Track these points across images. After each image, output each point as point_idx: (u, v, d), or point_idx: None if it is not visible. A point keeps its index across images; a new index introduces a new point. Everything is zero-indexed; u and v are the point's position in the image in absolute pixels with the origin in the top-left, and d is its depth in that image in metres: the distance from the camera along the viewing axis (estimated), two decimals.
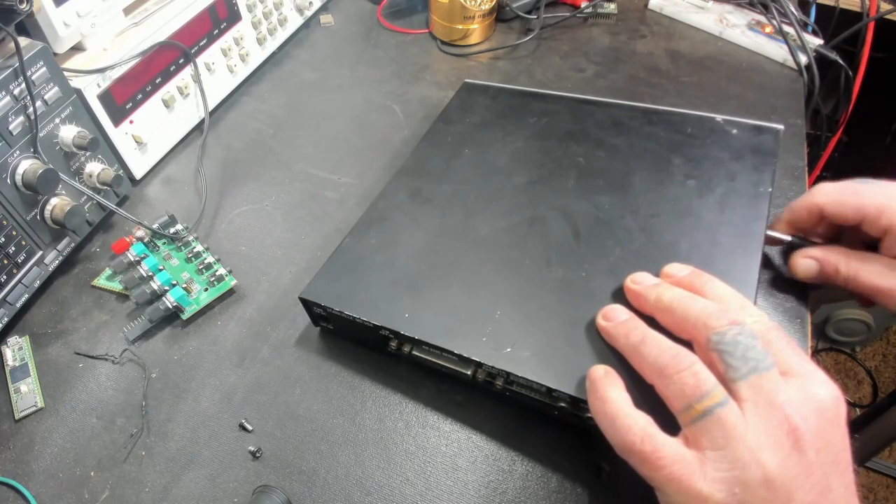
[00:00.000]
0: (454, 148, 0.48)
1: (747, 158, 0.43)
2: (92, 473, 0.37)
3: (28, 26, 0.45)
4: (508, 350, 0.35)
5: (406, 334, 0.36)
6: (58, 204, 0.44)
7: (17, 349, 0.43)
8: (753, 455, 0.26)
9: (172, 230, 0.49)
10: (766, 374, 0.28)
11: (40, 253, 0.45)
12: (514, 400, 0.36)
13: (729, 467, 0.26)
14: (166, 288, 0.44)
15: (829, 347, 1.21)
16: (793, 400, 0.27)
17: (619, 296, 0.36)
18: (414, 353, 0.38)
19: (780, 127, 0.45)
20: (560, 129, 0.48)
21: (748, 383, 0.28)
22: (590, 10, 0.70)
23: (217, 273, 0.46)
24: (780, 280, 0.44)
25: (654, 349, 0.30)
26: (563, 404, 0.34)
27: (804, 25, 0.66)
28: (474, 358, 0.35)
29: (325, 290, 0.39)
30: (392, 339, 0.38)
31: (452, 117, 0.51)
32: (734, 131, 0.46)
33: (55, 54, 0.45)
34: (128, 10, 0.52)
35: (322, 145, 0.58)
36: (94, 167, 0.47)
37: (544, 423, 0.37)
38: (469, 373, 0.36)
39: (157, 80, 0.54)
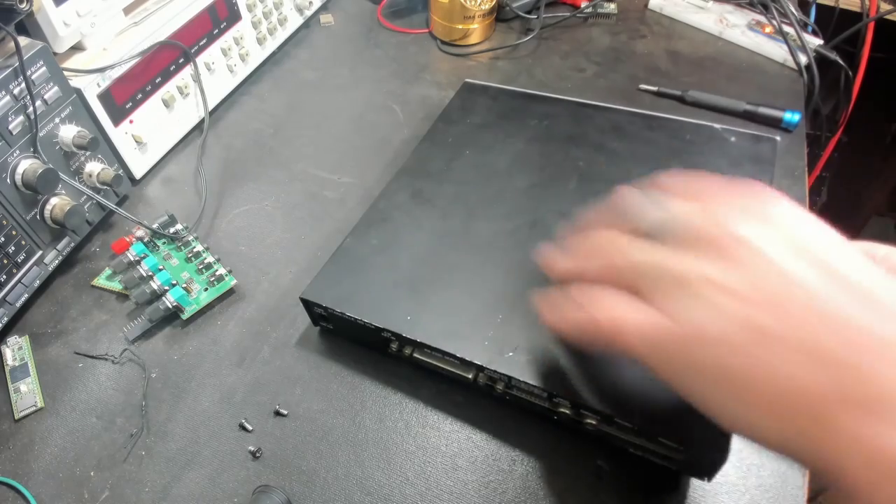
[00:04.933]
0: (455, 148, 0.48)
1: (745, 167, 0.43)
2: (92, 473, 0.37)
3: (28, 26, 0.45)
4: (510, 354, 0.35)
5: (408, 337, 0.36)
6: (57, 203, 0.44)
7: (16, 349, 0.43)
8: (706, 295, 0.24)
9: (172, 230, 0.49)
10: (703, 219, 0.26)
11: (40, 252, 0.45)
12: (514, 404, 0.37)
13: (687, 307, 0.24)
14: (166, 288, 0.44)
15: None
16: (747, 231, 0.24)
17: None
18: (415, 355, 0.38)
19: (777, 138, 0.45)
20: (561, 132, 0.48)
21: (686, 237, 0.26)
22: (590, 10, 0.70)
23: (217, 273, 0.46)
24: None
25: (588, 255, 0.29)
26: (563, 410, 0.34)
27: (804, 25, 0.66)
28: (476, 361, 0.35)
29: (326, 291, 0.39)
30: (393, 341, 0.38)
31: (453, 117, 0.51)
32: (732, 139, 0.46)
33: (55, 54, 0.45)
34: (128, 10, 0.52)
35: (322, 145, 0.58)
36: (93, 167, 0.47)
37: (544, 424, 0.37)
38: (470, 376, 0.36)
39: (157, 80, 0.54)
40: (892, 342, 0.21)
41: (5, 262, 0.42)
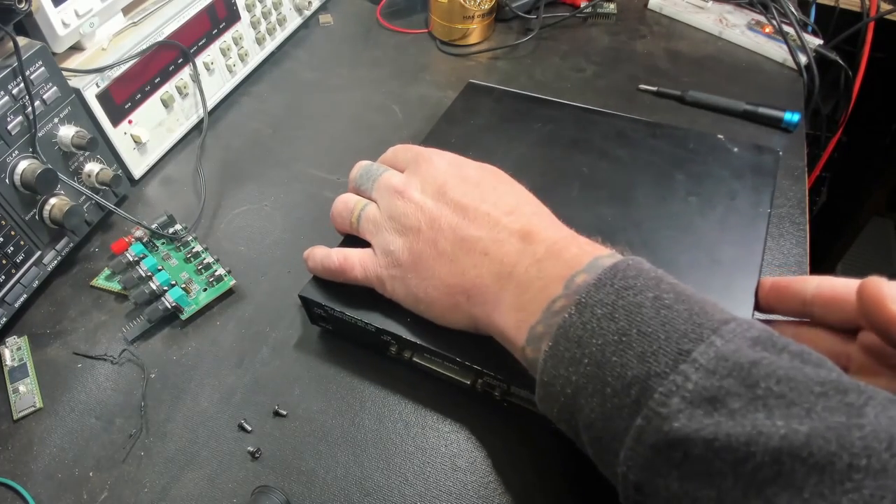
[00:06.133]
0: (458, 150, 0.47)
1: (747, 178, 0.43)
2: (91, 474, 0.37)
3: (27, 26, 0.45)
4: (510, 360, 0.34)
5: (407, 339, 0.36)
6: (56, 204, 0.44)
7: (15, 349, 0.43)
8: (389, 233, 0.36)
9: (171, 230, 0.49)
10: (384, 176, 0.38)
11: (39, 253, 0.45)
12: (512, 410, 0.37)
13: (381, 247, 0.36)
14: (165, 288, 0.44)
15: None
16: (406, 182, 0.37)
17: None
18: (414, 359, 0.38)
19: (779, 151, 0.45)
20: (564, 137, 0.48)
21: (375, 188, 0.39)
22: (589, 10, 0.70)
23: (216, 273, 0.46)
24: None
25: (335, 217, 0.40)
26: None
27: (804, 25, 0.66)
28: (475, 366, 0.35)
29: (326, 290, 0.39)
30: (392, 344, 0.38)
31: (456, 118, 0.51)
32: (735, 149, 0.46)
33: (54, 54, 0.45)
34: (126, 10, 0.52)
35: (321, 145, 0.57)
36: (92, 167, 0.47)
37: (545, 424, 0.37)
38: (468, 382, 0.36)
39: (156, 80, 0.54)
40: (477, 239, 0.33)
41: (4, 262, 0.42)
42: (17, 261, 0.43)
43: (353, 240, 0.40)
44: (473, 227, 0.34)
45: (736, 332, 0.24)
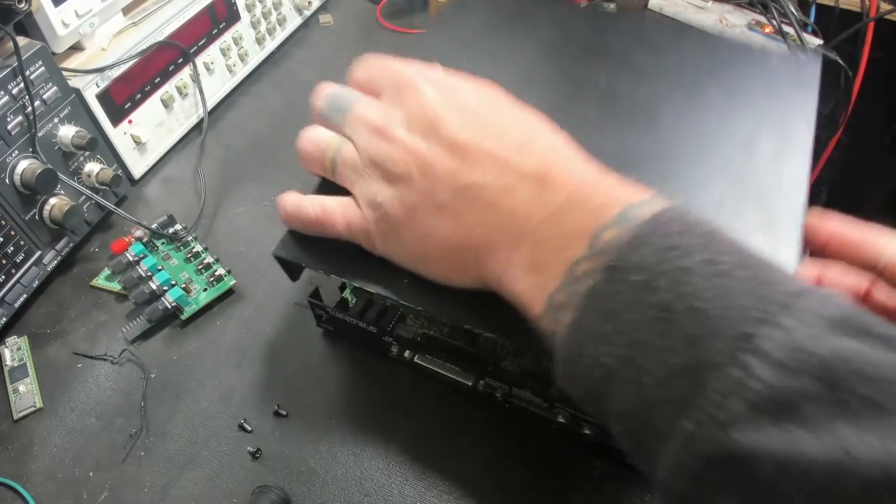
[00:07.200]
0: (446, 62, 0.36)
1: (787, 92, 0.37)
2: (91, 474, 0.37)
3: (27, 26, 0.45)
4: (526, 325, 0.27)
5: (404, 303, 0.31)
6: (56, 204, 0.44)
7: (15, 349, 0.43)
8: (373, 182, 0.30)
9: (171, 230, 0.49)
10: (357, 106, 0.31)
11: (39, 253, 0.45)
12: (514, 411, 0.37)
13: (366, 198, 0.30)
14: (165, 288, 0.44)
15: None
16: (386, 116, 0.30)
17: None
18: (416, 360, 0.37)
19: (819, 51, 0.39)
20: (577, 43, 0.40)
21: (346, 122, 0.31)
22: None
23: (216, 273, 0.45)
24: None
25: (305, 162, 0.34)
26: (561, 419, 0.34)
27: (804, 25, 0.66)
28: (478, 370, 0.34)
29: (299, 248, 0.34)
30: (393, 345, 0.38)
31: (446, 20, 0.43)
32: (773, 60, 0.39)
33: (54, 54, 0.45)
34: (126, 10, 0.52)
35: None
36: (92, 167, 0.47)
37: (546, 425, 0.37)
38: (470, 383, 0.36)
39: (156, 80, 0.54)
40: (481, 187, 0.27)
41: (4, 262, 0.42)
42: (17, 261, 0.43)
43: (333, 182, 0.33)
44: (476, 171, 0.27)
45: (811, 310, 0.18)
